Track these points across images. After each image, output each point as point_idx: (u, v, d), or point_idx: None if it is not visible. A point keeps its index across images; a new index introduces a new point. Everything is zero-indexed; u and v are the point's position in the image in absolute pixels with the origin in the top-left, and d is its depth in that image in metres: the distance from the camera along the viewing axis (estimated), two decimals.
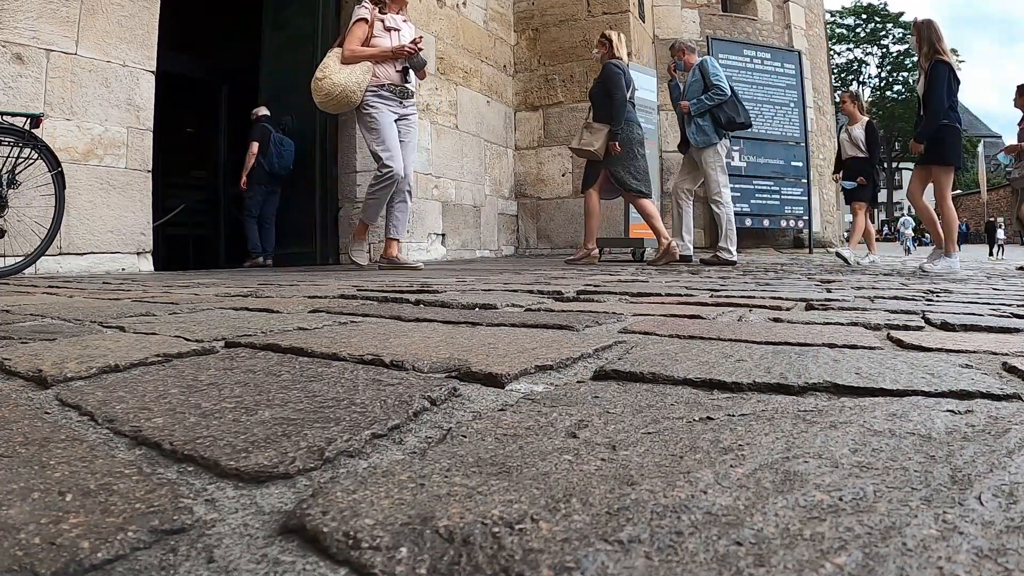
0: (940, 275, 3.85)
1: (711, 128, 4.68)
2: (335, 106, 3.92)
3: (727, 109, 4.64)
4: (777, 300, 1.73)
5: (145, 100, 4.03)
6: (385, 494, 0.39)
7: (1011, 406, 0.59)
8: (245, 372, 0.76)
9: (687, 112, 4.78)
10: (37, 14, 3.49)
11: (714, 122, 4.68)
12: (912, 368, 0.76)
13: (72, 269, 3.63)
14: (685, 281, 2.62)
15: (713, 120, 4.68)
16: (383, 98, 3.93)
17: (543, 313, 1.40)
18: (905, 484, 0.39)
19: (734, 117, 4.66)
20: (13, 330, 1.16)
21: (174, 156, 7.68)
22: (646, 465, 0.44)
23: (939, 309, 1.52)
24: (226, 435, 0.51)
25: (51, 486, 0.40)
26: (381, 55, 3.91)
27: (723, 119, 4.64)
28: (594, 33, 7.65)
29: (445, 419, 0.57)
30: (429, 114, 6.11)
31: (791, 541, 0.32)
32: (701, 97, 4.69)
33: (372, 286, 2.29)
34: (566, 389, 0.68)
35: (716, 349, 0.90)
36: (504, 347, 0.91)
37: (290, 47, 5.90)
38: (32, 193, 3.14)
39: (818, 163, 9.98)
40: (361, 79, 3.84)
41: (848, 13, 43.07)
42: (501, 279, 2.75)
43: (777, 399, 0.63)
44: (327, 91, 3.81)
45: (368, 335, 1.05)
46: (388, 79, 3.95)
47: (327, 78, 3.81)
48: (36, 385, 0.71)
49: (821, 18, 11.69)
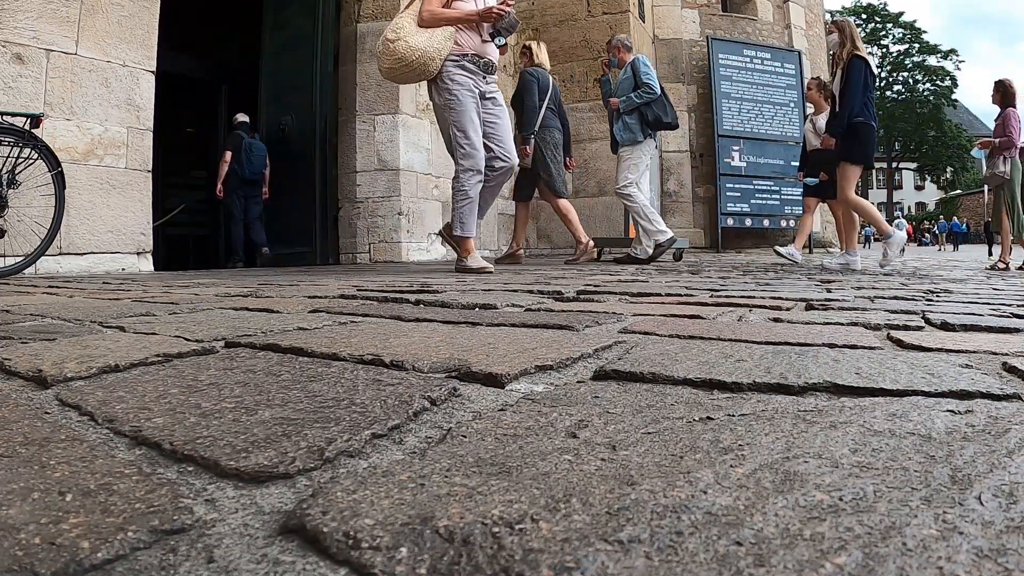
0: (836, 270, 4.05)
1: (637, 126, 4.74)
2: (408, 74, 3.31)
3: (655, 108, 4.70)
4: (777, 300, 1.73)
5: (145, 100, 4.03)
6: (385, 494, 0.39)
7: (1011, 406, 0.59)
8: (245, 372, 0.76)
9: (616, 109, 4.83)
10: (37, 14, 3.49)
11: (641, 120, 4.74)
12: (912, 368, 0.76)
13: (72, 269, 3.63)
14: (685, 281, 2.62)
15: (641, 118, 4.73)
16: (465, 71, 3.33)
17: (543, 313, 1.40)
18: (905, 484, 0.39)
19: (661, 116, 4.72)
20: (13, 330, 1.16)
21: (174, 156, 7.68)
22: (646, 465, 0.44)
23: (939, 309, 1.52)
24: (226, 435, 0.51)
25: (51, 486, 0.40)
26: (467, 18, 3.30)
27: (651, 117, 4.70)
28: (594, 33, 7.67)
29: (445, 419, 0.57)
30: (429, 114, 6.11)
31: (791, 541, 0.32)
32: (630, 95, 4.74)
33: (372, 286, 2.29)
34: (566, 389, 0.68)
35: (716, 349, 0.90)
36: (504, 347, 0.91)
37: (290, 47, 5.91)
38: (32, 193, 3.14)
39: None
40: (442, 45, 3.24)
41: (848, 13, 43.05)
42: (501, 279, 2.75)
43: (777, 399, 0.63)
44: (401, 55, 3.19)
45: (368, 335, 1.05)
46: (472, 48, 3.34)
47: (401, 39, 3.19)
48: (36, 385, 0.71)
49: (821, 18, 11.69)
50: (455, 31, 3.29)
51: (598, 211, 7.55)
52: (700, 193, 8.76)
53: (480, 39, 3.36)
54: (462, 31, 3.33)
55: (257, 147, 6.23)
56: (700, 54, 8.84)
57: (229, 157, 6.34)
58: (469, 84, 3.33)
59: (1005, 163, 5.35)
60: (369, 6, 5.85)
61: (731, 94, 8.72)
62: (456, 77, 3.29)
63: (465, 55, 3.33)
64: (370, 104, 5.69)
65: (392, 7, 5.80)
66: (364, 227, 5.78)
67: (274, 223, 5.97)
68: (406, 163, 5.76)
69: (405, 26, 3.24)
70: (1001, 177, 5.39)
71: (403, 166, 5.73)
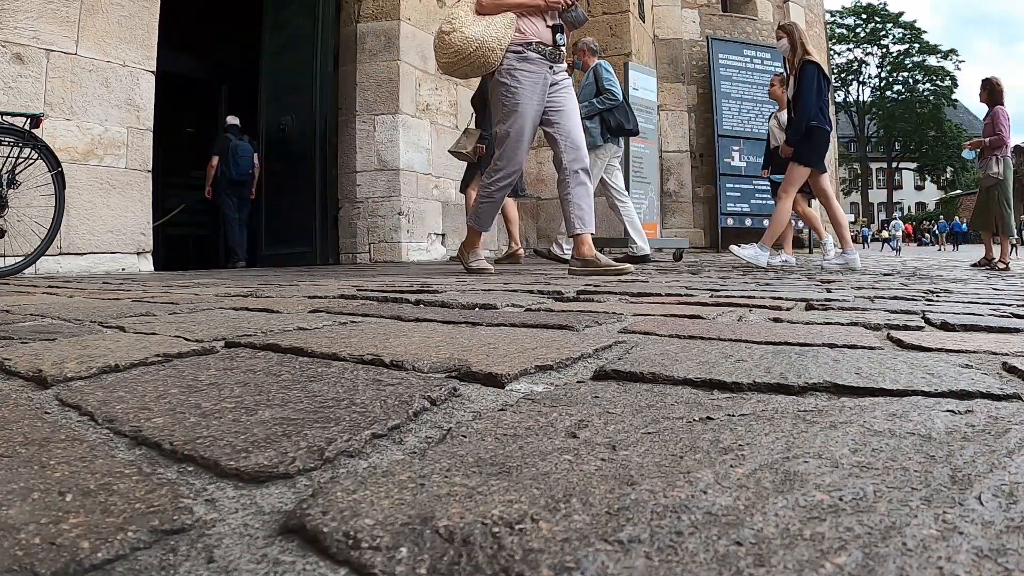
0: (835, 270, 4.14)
1: (598, 131, 4.83)
2: (467, 68, 3.05)
3: (617, 114, 4.81)
4: (777, 300, 1.73)
5: (145, 100, 4.03)
6: (385, 494, 0.39)
7: (1011, 406, 0.59)
8: (245, 372, 0.76)
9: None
10: (37, 14, 3.49)
11: (603, 126, 4.84)
12: (912, 368, 0.76)
13: (72, 269, 3.63)
14: (685, 281, 2.62)
15: (602, 124, 4.83)
16: (528, 61, 3.03)
17: (543, 313, 1.40)
18: (905, 484, 0.39)
19: (623, 123, 4.83)
20: (13, 330, 1.16)
21: (174, 156, 7.69)
22: (646, 465, 0.44)
23: (939, 309, 1.52)
24: (226, 435, 0.51)
25: (51, 486, 0.40)
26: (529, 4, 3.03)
27: (613, 124, 4.80)
28: (594, 33, 7.66)
29: (445, 419, 0.57)
30: (429, 114, 6.11)
31: (791, 541, 0.32)
32: (592, 100, 4.84)
33: (372, 286, 2.29)
34: (566, 389, 0.68)
35: (716, 349, 0.90)
36: (504, 347, 0.91)
37: (290, 47, 5.91)
38: (32, 193, 3.14)
39: None
40: (502, 34, 2.97)
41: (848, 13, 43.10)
42: (501, 279, 2.75)
43: (777, 399, 0.63)
44: (458, 48, 2.96)
45: (368, 335, 1.05)
46: (536, 36, 3.05)
47: (456, 31, 2.95)
48: (36, 385, 0.71)
49: (821, 18, 11.69)
50: (516, 18, 3.01)
51: (598, 211, 7.50)
52: (700, 193, 8.76)
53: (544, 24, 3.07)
54: (524, 17, 3.04)
55: (243, 148, 6.45)
56: (700, 54, 8.85)
57: (215, 161, 6.57)
58: (532, 79, 3.03)
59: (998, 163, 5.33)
60: (369, 6, 5.85)
61: (731, 94, 8.72)
62: (517, 73, 3.00)
63: (529, 43, 3.03)
64: (370, 104, 5.69)
65: (392, 7, 5.81)
66: (364, 227, 5.78)
67: (274, 223, 5.98)
68: (406, 163, 5.77)
69: (460, 16, 2.99)
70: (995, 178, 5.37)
71: (403, 166, 5.73)
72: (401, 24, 5.81)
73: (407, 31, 5.89)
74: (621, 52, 7.45)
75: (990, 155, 5.36)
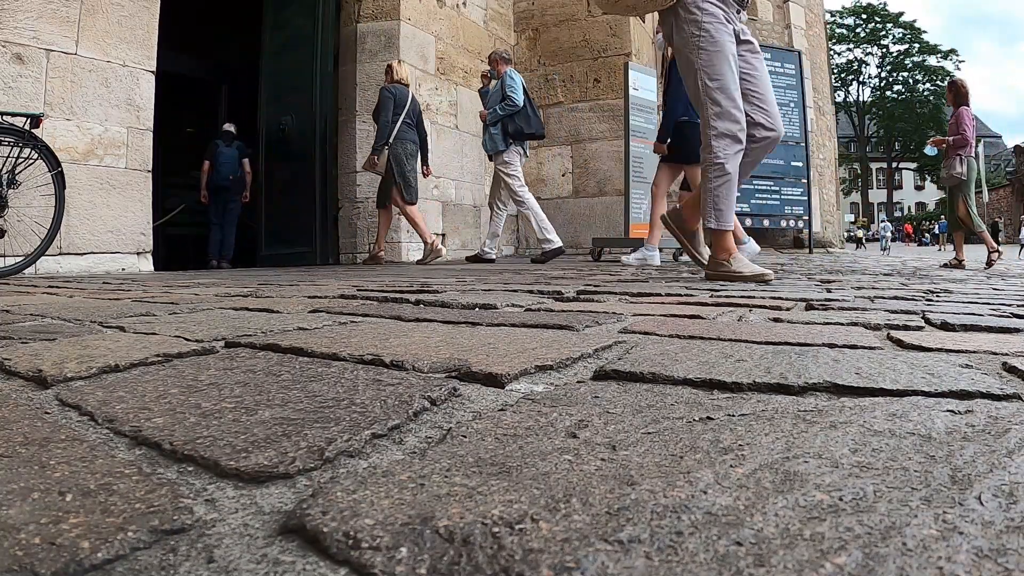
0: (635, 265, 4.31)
1: (500, 137, 5.10)
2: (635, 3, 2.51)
3: (517, 120, 5.06)
4: (777, 300, 1.73)
5: (145, 100, 4.03)
6: (385, 494, 0.39)
7: (1011, 406, 0.59)
8: (245, 372, 0.76)
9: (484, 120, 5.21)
10: (37, 14, 3.49)
11: (504, 131, 5.08)
12: (912, 368, 0.76)
13: (72, 269, 3.63)
14: (685, 281, 2.62)
15: (503, 129, 5.08)
16: (714, 2, 2.45)
17: (543, 313, 1.40)
18: (905, 484, 0.39)
19: (522, 128, 5.07)
20: (13, 330, 1.16)
21: (174, 156, 7.70)
22: (646, 465, 0.44)
23: (939, 309, 1.52)
24: (226, 435, 0.51)
25: (51, 486, 0.40)
26: None
27: (511, 129, 5.06)
28: (594, 33, 7.67)
29: (445, 419, 0.57)
30: (429, 114, 6.11)
31: (791, 541, 0.32)
32: (495, 107, 5.09)
33: (372, 286, 2.29)
34: (566, 389, 0.68)
35: (716, 349, 0.90)
36: (504, 347, 0.91)
37: (290, 47, 5.91)
38: (32, 193, 3.14)
39: (818, 163, 9.99)
40: None
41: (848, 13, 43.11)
42: (501, 279, 2.75)
43: (777, 399, 0.63)
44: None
45: (368, 335, 1.05)
46: None
47: None
48: (36, 385, 0.71)
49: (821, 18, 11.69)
50: None
51: (598, 211, 7.55)
52: None
53: None
54: None
55: (225, 155, 6.93)
56: None
57: (206, 167, 7.05)
58: (721, 16, 2.44)
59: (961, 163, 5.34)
60: (369, 6, 5.85)
61: None
62: (704, 4, 2.42)
63: None
64: (370, 104, 5.70)
65: (392, 7, 5.81)
66: (364, 227, 5.78)
67: (274, 223, 5.99)
68: None
69: None
70: (958, 178, 5.39)
71: None
72: (401, 24, 5.81)
73: (407, 31, 5.89)
74: (621, 52, 7.45)
75: (953, 155, 5.38)
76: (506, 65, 5.18)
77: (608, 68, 7.55)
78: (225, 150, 7.02)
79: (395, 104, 4.95)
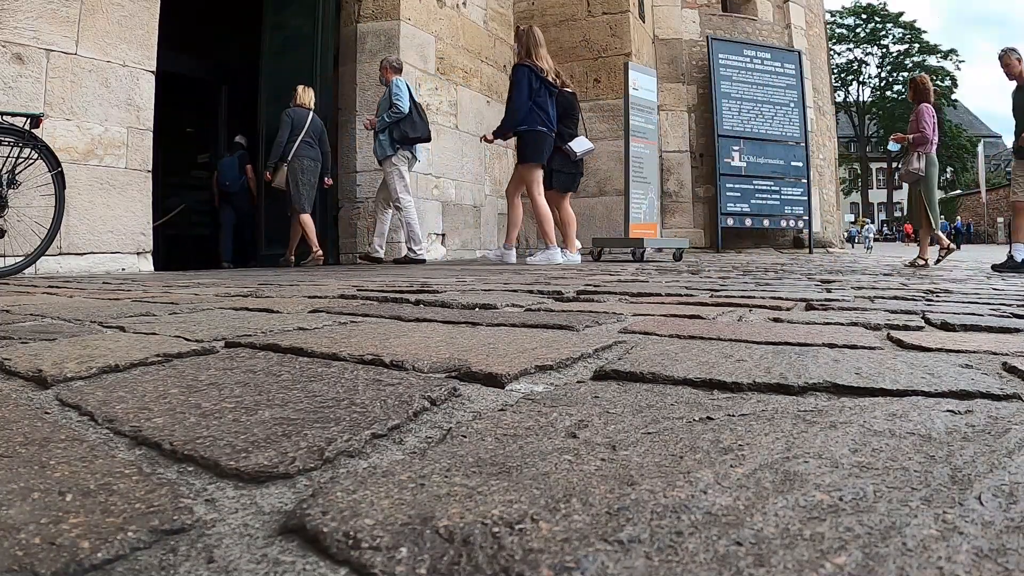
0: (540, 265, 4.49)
1: (388, 142, 5.30)
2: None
3: (403, 126, 5.27)
4: (777, 300, 1.73)
5: (145, 100, 4.03)
6: (385, 494, 0.39)
7: (1011, 406, 0.59)
8: (245, 372, 0.76)
9: (372, 128, 5.39)
10: (37, 14, 3.49)
11: (391, 137, 5.30)
12: (912, 368, 0.76)
13: (72, 269, 3.63)
14: (685, 281, 2.62)
15: (390, 135, 5.30)
16: None
17: (543, 313, 1.40)
18: (905, 484, 0.39)
19: (407, 132, 5.30)
20: (13, 330, 1.16)
21: (174, 156, 7.71)
22: (646, 465, 0.44)
23: (939, 309, 1.52)
24: (226, 435, 0.51)
25: (51, 486, 0.40)
26: None
27: (396, 136, 5.27)
28: (594, 33, 7.67)
29: (445, 419, 0.57)
30: (428, 114, 6.11)
31: (791, 541, 0.32)
32: (383, 115, 5.28)
33: (372, 286, 2.29)
34: (566, 389, 0.68)
35: (716, 349, 0.90)
36: (504, 347, 0.91)
37: (290, 47, 5.91)
38: (32, 193, 3.14)
39: (818, 163, 9.98)
40: None
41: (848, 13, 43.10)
42: (501, 279, 2.75)
43: (777, 399, 0.63)
44: None
45: (368, 335, 1.05)
46: None
47: None
48: (36, 385, 0.71)
49: (821, 18, 11.69)
50: None
51: (598, 211, 7.54)
52: (700, 193, 8.75)
53: None
54: None
55: (225, 164, 7.38)
56: (700, 54, 8.84)
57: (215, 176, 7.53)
58: None
59: (919, 160, 5.30)
60: (369, 6, 5.85)
61: (731, 94, 8.71)
62: None
63: None
64: (370, 104, 5.69)
65: (392, 7, 5.81)
66: (364, 227, 5.78)
67: (274, 223, 5.99)
68: None
69: None
70: (916, 174, 5.36)
71: None
72: (401, 24, 5.81)
73: (407, 31, 5.89)
74: (621, 52, 7.46)
75: (913, 151, 5.35)
76: (395, 74, 5.39)
77: (608, 68, 7.55)
78: (225, 160, 7.48)
79: (292, 126, 5.32)
